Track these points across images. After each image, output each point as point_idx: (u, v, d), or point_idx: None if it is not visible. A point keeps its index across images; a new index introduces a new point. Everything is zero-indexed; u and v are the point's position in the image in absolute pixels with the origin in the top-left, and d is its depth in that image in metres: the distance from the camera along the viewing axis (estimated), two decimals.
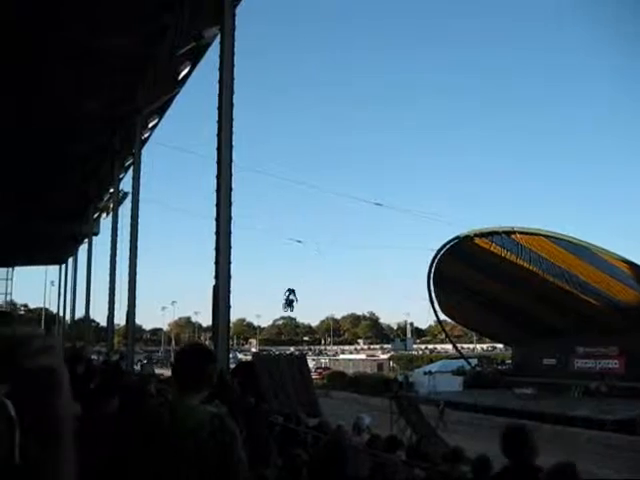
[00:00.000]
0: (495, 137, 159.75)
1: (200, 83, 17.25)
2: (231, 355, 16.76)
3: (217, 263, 10.99)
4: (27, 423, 0.75)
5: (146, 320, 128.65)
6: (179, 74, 15.89)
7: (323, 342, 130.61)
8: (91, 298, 28.85)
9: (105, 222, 27.52)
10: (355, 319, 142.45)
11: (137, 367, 23.38)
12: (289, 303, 21.54)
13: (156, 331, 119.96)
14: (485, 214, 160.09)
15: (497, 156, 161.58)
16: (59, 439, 0.80)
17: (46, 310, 57.05)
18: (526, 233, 33.87)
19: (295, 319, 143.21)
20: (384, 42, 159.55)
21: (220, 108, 11.51)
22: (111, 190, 23.90)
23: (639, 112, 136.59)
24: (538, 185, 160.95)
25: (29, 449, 0.75)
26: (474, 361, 47.57)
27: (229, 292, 11.03)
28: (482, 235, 36.11)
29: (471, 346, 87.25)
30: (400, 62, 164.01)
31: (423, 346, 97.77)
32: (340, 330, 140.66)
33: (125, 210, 20.97)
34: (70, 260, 35.50)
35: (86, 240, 29.91)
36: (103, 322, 29.86)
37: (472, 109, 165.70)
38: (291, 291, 21.58)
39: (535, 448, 4.08)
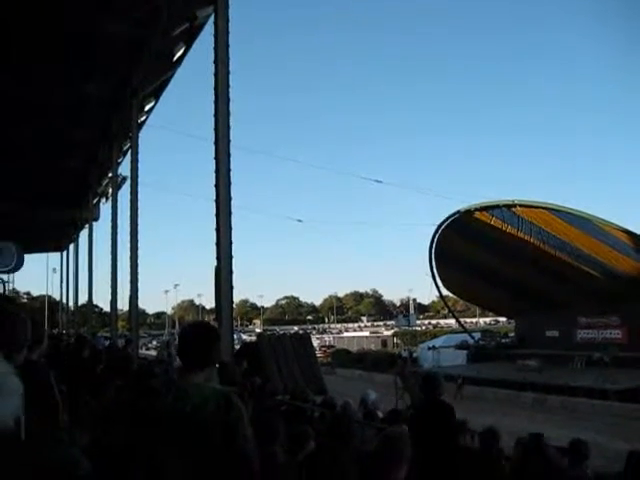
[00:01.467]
0: (497, 114, 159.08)
1: (198, 64, 17.09)
2: (235, 336, 16.80)
3: (218, 244, 10.97)
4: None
5: (149, 304, 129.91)
6: (174, 55, 15.76)
7: (327, 320, 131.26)
8: (93, 284, 28.97)
9: (105, 207, 27.46)
10: (358, 297, 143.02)
11: (142, 351, 23.46)
12: None
13: (160, 315, 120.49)
14: (487, 190, 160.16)
15: (499, 133, 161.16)
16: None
17: (49, 297, 57.21)
18: (526, 206, 33.72)
19: (298, 298, 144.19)
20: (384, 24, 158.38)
21: (216, 88, 11.43)
22: (110, 174, 23.80)
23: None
24: (539, 161, 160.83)
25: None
26: (477, 335, 47.75)
27: (231, 273, 11.04)
28: (482, 209, 35.98)
29: (474, 320, 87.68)
30: (403, 40, 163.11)
31: (426, 321, 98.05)
32: (343, 308, 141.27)
33: (125, 194, 20.90)
34: (71, 246, 35.50)
35: (86, 226, 29.88)
36: (106, 307, 30.01)
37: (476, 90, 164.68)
38: None
39: (441, 389, 5.48)
